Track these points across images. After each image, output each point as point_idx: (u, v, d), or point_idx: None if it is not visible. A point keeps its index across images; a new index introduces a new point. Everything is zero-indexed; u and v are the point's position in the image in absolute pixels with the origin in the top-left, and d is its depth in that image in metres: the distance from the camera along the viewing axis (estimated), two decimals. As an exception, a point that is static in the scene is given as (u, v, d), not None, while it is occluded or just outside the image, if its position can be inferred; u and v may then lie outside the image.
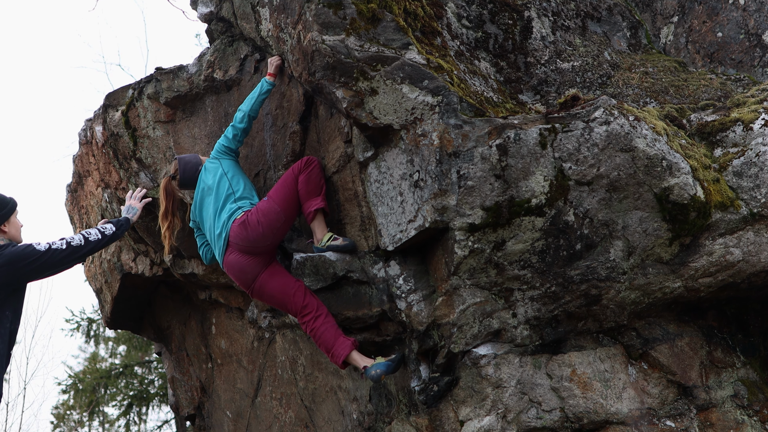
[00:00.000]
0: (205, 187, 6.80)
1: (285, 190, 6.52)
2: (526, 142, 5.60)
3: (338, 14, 5.82)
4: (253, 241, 6.43)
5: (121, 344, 21.42)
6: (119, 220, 6.51)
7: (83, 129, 8.89)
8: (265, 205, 6.48)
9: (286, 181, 6.55)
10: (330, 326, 6.42)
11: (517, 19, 6.99)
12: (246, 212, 6.50)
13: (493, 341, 6.02)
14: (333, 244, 6.40)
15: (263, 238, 6.43)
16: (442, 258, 5.89)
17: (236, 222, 6.48)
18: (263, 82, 6.77)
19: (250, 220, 6.42)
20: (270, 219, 6.43)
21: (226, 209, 6.61)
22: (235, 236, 6.47)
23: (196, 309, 9.63)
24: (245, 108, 6.76)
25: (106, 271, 9.76)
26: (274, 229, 6.46)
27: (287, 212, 6.51)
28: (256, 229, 6.40)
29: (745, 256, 6.03)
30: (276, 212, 6.45)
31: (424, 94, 5.74)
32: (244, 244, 6.46)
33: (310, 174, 6.50)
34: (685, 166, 5.76)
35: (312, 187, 6.49)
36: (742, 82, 7.10)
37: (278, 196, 6.51)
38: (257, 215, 6.42)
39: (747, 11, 7.43)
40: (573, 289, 5.92)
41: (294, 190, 6.52)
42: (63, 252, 5.87)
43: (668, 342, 6.26)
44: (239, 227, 6.44)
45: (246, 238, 6.43)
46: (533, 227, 5.73)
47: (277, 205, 6.46)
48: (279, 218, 6.46)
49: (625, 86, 6.95)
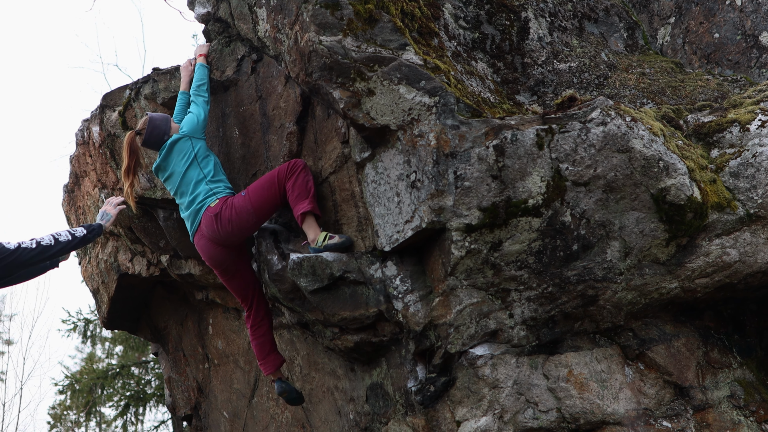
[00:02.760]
0: (177, 167, 6.97)
1: (264, 193, 6.65)
2: (523, 142, 5.60)
3: (335, 15, 5.83)
4: (222, 235, 6.70)
5: (118, 345, 21.44)
6: (92, 225, 6.59)
7: (80, 129, 8.89)
8: (240, 202, 6.65)
9: (269, 183, 6.66)
10: (270, 336, 7.19)
11: (514, 20, 7.00)
12: (221, 201, 6.71)
13: (489, 342, 6.02)
14: (330, 243, 6.43)
15: (231, 235, 6.70)
16: (438, 258, 5.90)
17: (210, 210, 6.71)
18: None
19: (223, 216, 6.65)
20: (241, 218, 6.64)
21: (200, 191, 6.83)
22: (206, 226, 6.74)
23: (193, 309, 9.64)
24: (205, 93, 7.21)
25: (103, 272, 9.75)
26: (243, 229, 6.71)
27: (259, 214, 6.69)
28: (225, 227, 6.65)
29: (742, 256, 6.04)
30: (248, 212, 6.63)
31: (421, 94, 5.75)
32: (213, 236, 6.73)
33: (296, 179, 6.55)
34: (681, 167, 5.77)
35: (300, 191, 6.53)
36: (738, 83, 7.11)
37: (256, 196, 6.65)
38: (230, 212, 6.64)
39: (744, 12, 7.44)
40: (570, 290, 5.93)
41: (274, 194, 6.64)
42: (32, 251, 5.96)
43: (665, 342, 6.27)
44: (212, 219, 6.68)
45: (215, 231, 6.69)
46: (530, 228, 5.74)
47: (251, 206, 6.62)
48: (250, 219, 6.65)
49: (622, 87, 6.96)
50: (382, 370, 6.60)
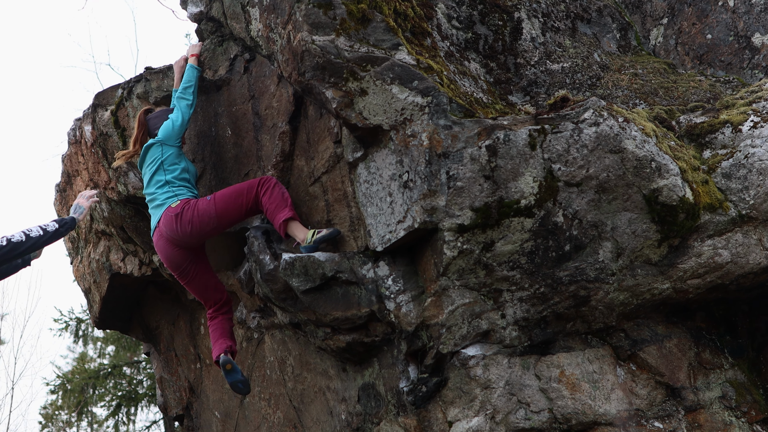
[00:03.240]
0: (147, 169, 7.06)
1: (231, 202, 6.67)
2: (516, 143, 5.60)
3: (328, 14, 5.82)
4: (180, 236, 6.72)
5: (109, 344, 21.40)
6: (64, 219, 6.60)
7: (72, 128, 8.87)
8: (204, 206, 6.67)
9: (237, 193, 6.67)
10: (225, 325, 7.21)
11: (507, 20, 7.00)
12: (183, 202, 6.73)
13: (481, 342, 6.02)
14: (319, 237, 6.43)
15: (189, 236, 6.73)
16: (431, 259, 5.89)
17: (171, 210, 6.73)
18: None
19: (184, 216, 6.66)
20: (202, 221, 6.65)
21: (163, 192, 6.87)
22: (165, 225, 6.76)
23: (185, 309, 9.62)
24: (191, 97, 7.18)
25: (95, 271, 9.73)
26: (202, 232, 6.73)
27: (221, 221, 6.71)
28: (185, 227, 6.67)
29: (734, 257, 6.04)
30: (210, 217, 6.64)
31: (413, 94, 5.74)
32: (172, 235, 6.76)
33: (272, 192, 6.58)
34: (674, 168, 5.77)
35: (278, 203, 6.55)
36: (731, 84, 7.12)
37: (222, 203, 6.67)
38: (192, 213, 6.66)
39: (736, 13, 7.45)
40: (562, 290, 5.93)
41: (240, 205, 6.66)
42: (3, 249, 5.96)
43: (657, 343, 6.27)
44: (171, 219, 6.70)
45: (174, 231, 6.71)
46: (522, 228, 5.74)
47: (215, 212, 6.64)
48: (211, 223, 6.68)
49: (615, 88, 6.96)
50: (374, 371, 6.59)
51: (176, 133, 6.98)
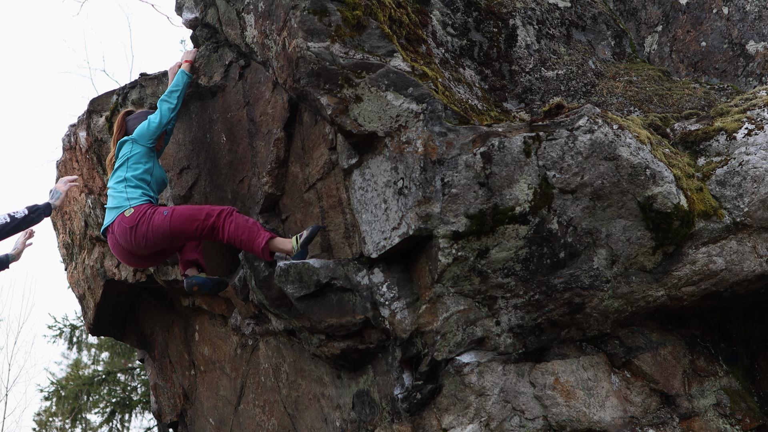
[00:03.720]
0: (119, 158, 7.00)
1: (187, 224, 6.55)
2: (510, 150, 5.60)
3: (323, 21, 5.82)
4: (135, 247, 6.68)
5: (104, 351, 21.33)
6: (37, 205, 6.60)
7: (67, 134, 8.86)
8: (159, 221, 6.55)
9: (194, 216, 6.54)
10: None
11: (502, 27, 7.00)
12: (136, 212, 6.62)
13: (476, 349, 6.01)
14: (303, 239, 6.43)
15: (143, 249, 6.68)
16: (425, 265, 5.89)
17: (125, 221, 6.63)
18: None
19: (138, 230, 6.57)
20: (156, 237, 6.58)
21: (118, 192, 6.80)
22: (120, 234, 6.67)
23: (180, 316, 9.60)
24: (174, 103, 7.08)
25: (89, 278, 9.71)
26: (155, 246, 6.68)
27: (174, 239, 6.64)
28: (139, 241, 6.60)
29: (728, 265, 6.05)
30: (164, 234, 6.56)
31: (408, 101, 5.74)
32: (126, 246, 6.71)
33: (237, 223, 6.45)
34: (668, 175, 5.77)
35: (249, 232, 6.44)
36: (725, 92, 7.13)
37: (178, 222, 6.55)
38: (147, 228, 6.56)
39: (731, 21, 7.46)
40: (556, 297, 5.93)
41: (194, 229, 6.53)
42: None
43: (651, 350, 6.27)
44: (126, 230, 6.62)
45: (129, 243, 6.65)
46: (517, 235, 5.74)
47: (169, 229, 6.54)
48: (164, 240, 6.62)
49: (610, 95, 6.97)
50: (369, 378, 6.58)
51: (150, 133, 6.91)
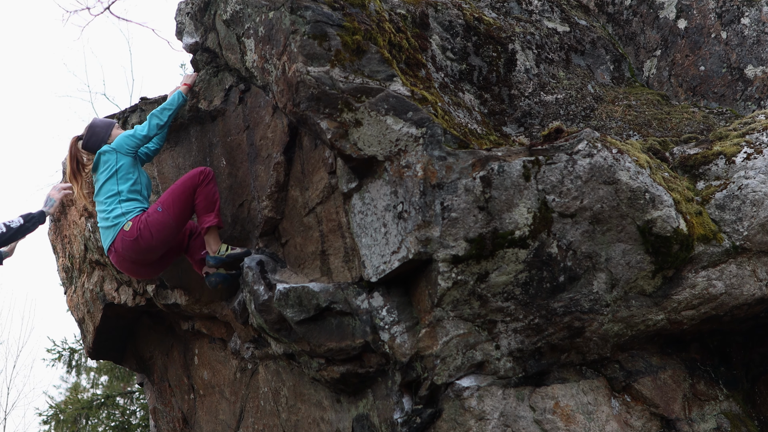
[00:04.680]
0: (100, 176, 6.95)
1: (181, 202, 6.69)
2: (510, 174, 5.61)
3: (323, 45, 5.84)
4: (145, 254, 6.73)
5: (103, 374, 21.28)
6: (31, 213, 6.63)
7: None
8: (159, 218, 6.65)
9: (183, 190, 6.69)
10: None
11: (501, 52, 7.03)
12: (134, 223, 6.67)
13: (476, 373, 6.00)
14: (232, 253, 6.70)
15: (155, 250, 6.75)
16: (425, 289, 5.89)
17: (126, 235, 6.67)
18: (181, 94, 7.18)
19: (143, 237, 6.62)
20: (164, 233, 6.67)
21: (112, 208, 6.79)
22: (124, 249, 6.71)
23: (179, 339, 9.59)
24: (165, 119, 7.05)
25: (89, 301, 9.70)
26: (167, 241, 6.76)
27: (180, 223, 6.76)
28: (149, 244, 6.65)
29: (728, 288, 6.04)
30: (170, 227, 6.67)
31: (408, 125, 5.76)
32: (135, 258, 6.75)
33: (205, 188, 6.66)
34: (668, 199, 5.78)
35: (207, 203, 6.66)
36: (724, 116, 7.15)
37: (174, 207, 6.68)
38: (149, 231, 6.63)
39: (729, 45, 7.49)
40: (556, 321, 5.92)
41: (189, 200, 6.69)
42: None
43: (651, 374, 6.26)
44: (130, 243, 6.66)
45: (138, 253, 6.70)
46: (517, 259, 5.74)
47: (172, 219, 6.66)
48: (173, 232, 6.73)
49: (609, 119, 6.99)
50: (369, 402, 6.57)
51: (134, 142, 6.90)
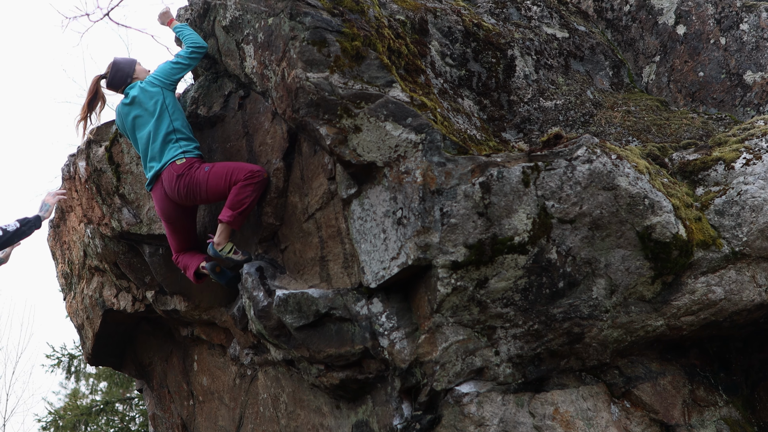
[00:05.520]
0: (143, 111, 6.97)
1: (219, 182, 6.68)
2: (509, 180, 5.61)
3: (322, 52, 5.85)
4: (174, 194, 6.82)
5: (102, 380, 21.26)
6: (27, 217, 6.65)
7: (66, 164, 8.87)
8: (200, 177, 6.72)
9: (225, 175, 6.67)
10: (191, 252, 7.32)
11: (500, 58, 7.04)
12: (188, 163, 6.78)
13: (475, 379, 6.00)
14: (233, 258, 6.77)
15: (181, 198, 6.83)
16: (424, 295, 5.88)
17: (175, 168, 6.77)
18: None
19: (182, 181, 6.74)
20: (194, 191, 6.76)
21: (169, 146, 6.85)
22: (166, 179, 6.81)
23: (178, 346, 9.58)
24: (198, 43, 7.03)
25: (88, 307, 9.70)
26: (192, 199, 6.85)
27: (209, 196, 6.79)
28: (181, 190, 6.77)
29: (727, 294, 6.04)
30: (202, 190, 6.73)
31: (407, 131, 5.76)
32: (168, 190, 6.83)
33: (242, 189, 6.58)
34: (667, 205, 5.78)
35: (235, 201, 6.59)
36: (723, 122, 7.15)
37: (213, 180, 6.69)
38: (189, 180, 6.74)
39: (728, 51, 7.50)
40: (556, 327, 5.92)
41: (224, 187, 6.67)
42: None
43: (651, 380, 6.25)
44: (173, 176, 6.77)
45: (171, 188, 6.81)
46: (516, 265, 5.73)
47: (205, 186, 6.72)
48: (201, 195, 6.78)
49: (608, 125, 6.99)
50: (368, 408, 6.56)
51: (173, 73, 6.98)
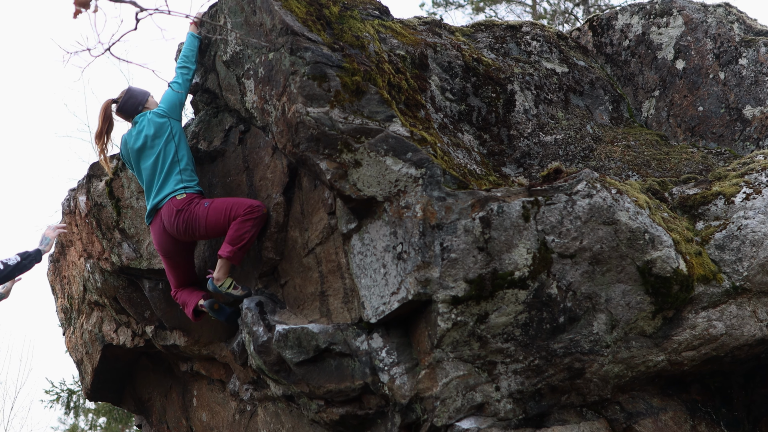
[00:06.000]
0: (148, 141, 6.92)
1: (219, 218, 6.62)
2: (509, 214, 5.61)
3: (323, 86, 5.86)
4: (173, 230, 6.72)
5: (101, 416, 21.19)
6: (28, 252, 6.62)
7: (67, 198, 8.87)
8: (199, 212, 6.65)
9: (225, 211, 6.62)
10: (189, 289, 7.24)
11: (500, 93, 7.06)
12: (188, 198, 6.70)
13: (476, 415, 5.96)
14: (233, 293, 6.74)
15: (180, 234, 6.74)
16: (425, 330, 5.87)
17: (175, 203, 6.70)
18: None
19: (181, 216, 6.66)
20: (193, 227, 6.68)
21: (171, 179, 6.80)
22: (166, 214, 6.74)
23: (178, 381, 9.55)
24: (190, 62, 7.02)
25: (87, 342, 9.67)
26: (191, 235, 6.77)
27: (209, 232, 6.73)
28: (180, 226, 6.69)
29: (728, 329, 6.03)
30: (201, 226, 6.66)
31: (407, 166, 5.77)
32: (167, 226, 6.74)
33: (241, 225, 6.54)
34: (667, 239, 5.78)
35: (234, 236, 6.54)
36: (723, 156, 7.16)
37: (213, 216, 6.63)
38: (188, 216, 6.65)
39: (727, 86, 7.52)
40: (556, 363, 5.90)
41: (224, 223, 6.62)
42: None
43: (652, 416, 6.22)
44: (173, 212, 6.69)
45: (170, 224, 6.72)
46: (516, 300, 5.72)
47: (204, 222, 6.65)
48: (200, 231, 6.70)
49: (608, 159, 7.00)
50: (368, 444, 6.53)
51: (175, 98, 6.95)
